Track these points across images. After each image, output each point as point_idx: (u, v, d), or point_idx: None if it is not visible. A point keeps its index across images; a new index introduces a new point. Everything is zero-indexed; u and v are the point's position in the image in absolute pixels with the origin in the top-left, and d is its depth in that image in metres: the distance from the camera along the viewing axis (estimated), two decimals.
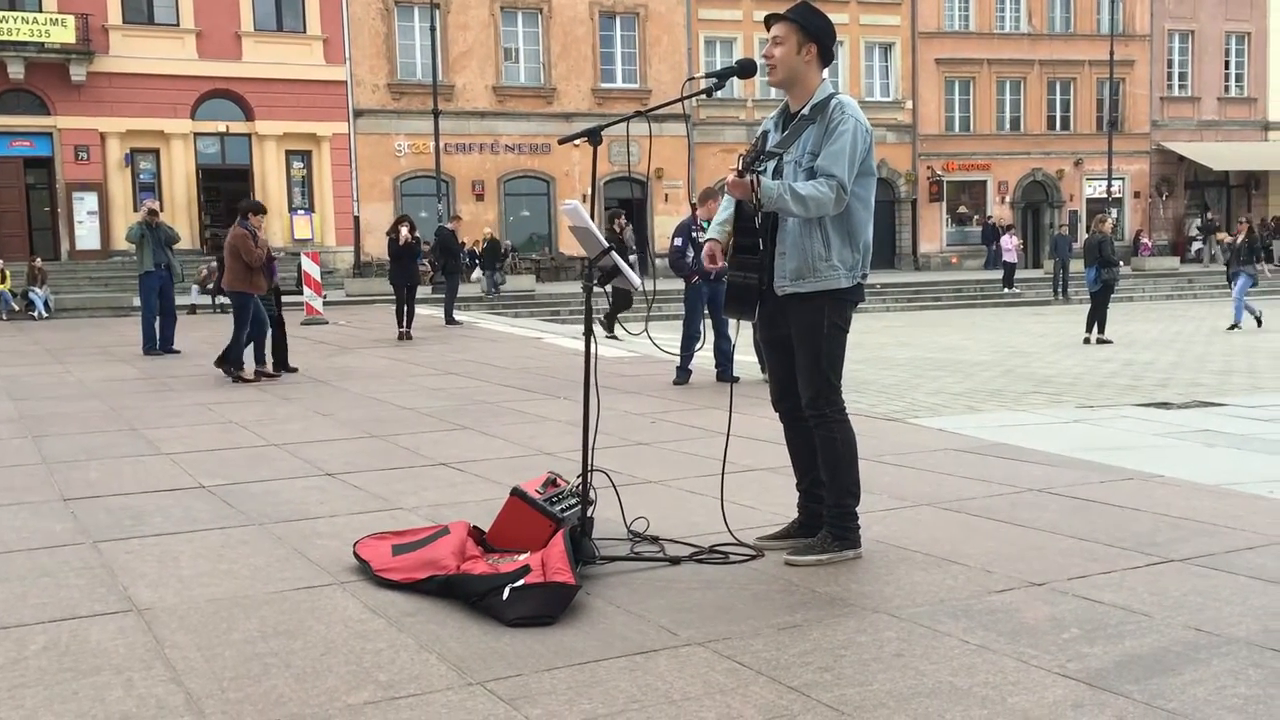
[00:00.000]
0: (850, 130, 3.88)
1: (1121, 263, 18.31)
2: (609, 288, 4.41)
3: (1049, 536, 4.33)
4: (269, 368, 10.93)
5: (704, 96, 4.30)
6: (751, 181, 3.84)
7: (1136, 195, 38.94)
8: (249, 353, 10.79)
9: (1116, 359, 13.31)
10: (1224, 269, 20.38)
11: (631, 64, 33.24)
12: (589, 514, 4.06)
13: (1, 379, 10.92)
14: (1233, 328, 17.96)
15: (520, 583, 3.50)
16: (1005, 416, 8.13)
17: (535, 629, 3.31)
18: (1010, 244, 29.92)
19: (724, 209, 4.18)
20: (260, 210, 11.47)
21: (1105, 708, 2.70)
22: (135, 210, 21.65)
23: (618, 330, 14.75)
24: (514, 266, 29.96)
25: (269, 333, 11.16)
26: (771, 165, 4.01)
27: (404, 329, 15.21)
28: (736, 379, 9.12)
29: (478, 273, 27.26)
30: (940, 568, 3.92)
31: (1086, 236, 17.68)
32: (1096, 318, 15.96)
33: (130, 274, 17.74)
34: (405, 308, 15.42)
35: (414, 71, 30.76)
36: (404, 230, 15.44)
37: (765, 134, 4.15)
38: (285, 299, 12.68)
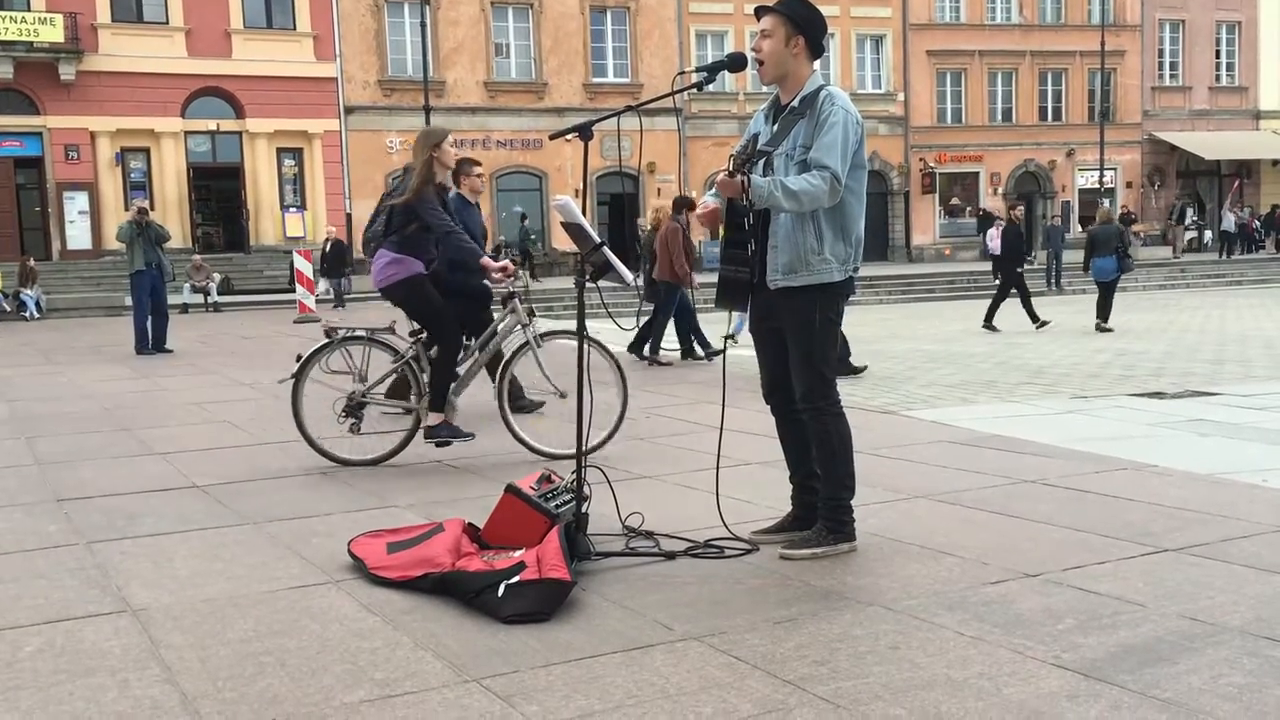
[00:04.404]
0: (841, 122, 3.87)
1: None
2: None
3: (1043, 528, 4.34)
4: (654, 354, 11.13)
5: (695, 90, 4.30)
6: (742, 181, 3.83)
7: (1129, 185, 39.02)
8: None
9: (1110, 349, 13.33)
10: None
11: (623, 58, 33.21)
12: (584, 510, 4.06)
13: None
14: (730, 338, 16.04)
15: (515, 579, 3.50)
16: (999, 408, 8.14)
17: (531, 625, 3.31)
18: (997, 234, 29.89)
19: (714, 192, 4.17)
20: (691, 205, 11.51)
21: (1100, 698, 2.71)
22: (126, 209, 21.61)
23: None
24: None
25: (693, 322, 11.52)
26: (762, 163, 4.00)
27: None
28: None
29: (324, 283, 23.71)
30: (935, 560, 3.92)
31: (1096, 226, 17.70)
32: (1107, 306, 16.31)
33: (122, 273, 17.70)
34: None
35: (405, 68, 30.71)
36: None
37: (755, 136, 4.14)
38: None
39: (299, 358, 5.99)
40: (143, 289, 13.39)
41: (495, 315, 6.57)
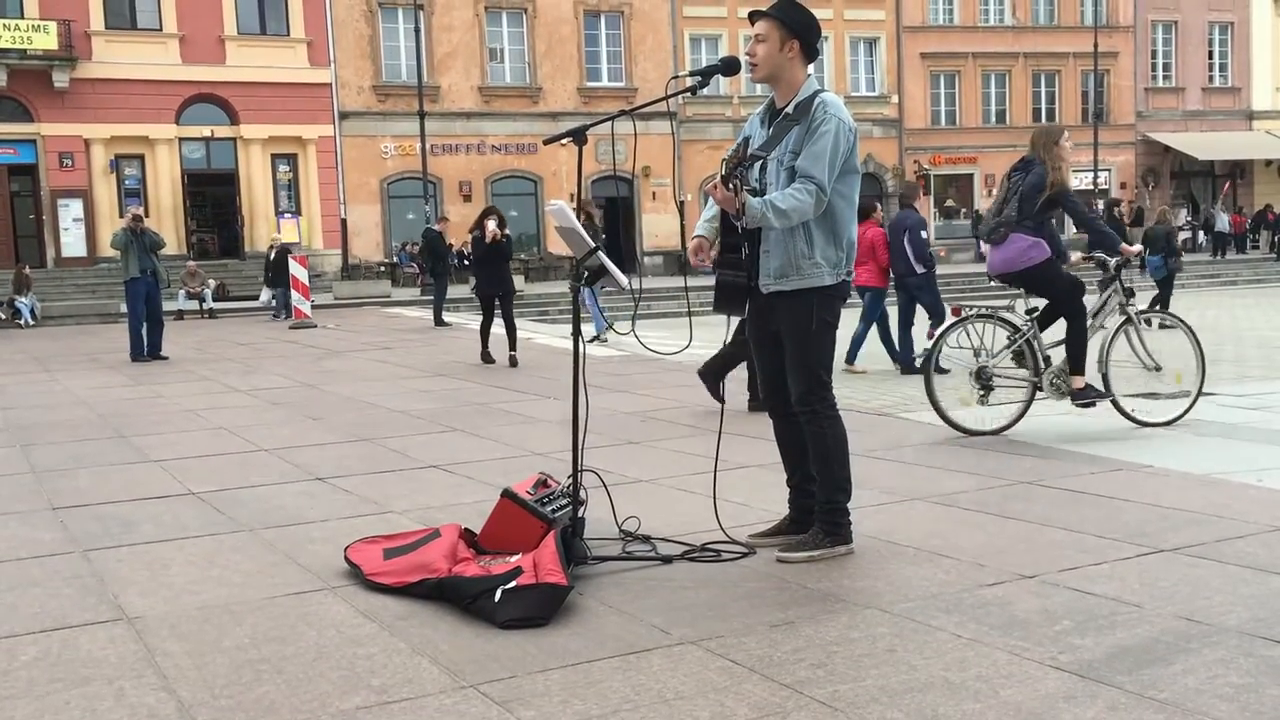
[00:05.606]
0: (832, 130, 3.89)
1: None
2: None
3: (1039, 529, 4.34)
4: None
5: (689, 94, 4.30)
6: (734, 187, 3.84)
7: (1123, 186, 39.07)
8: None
9: None
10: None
11: (617, 62, 33.24)
12: (580, 514, 4.06)
13: None
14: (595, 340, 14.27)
15: (512, 584, 3.50)
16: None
17: (528, 630, 3.31)
18: None
19: (710, 206, 4.19)
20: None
21: (1097, 699, 2.71)
22: (121, 216, 21.60)
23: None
24: None
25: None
26: (756, 167, 4.01)
27: (511, 352, 11.64)
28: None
29: (265, 294, 22.67)
30: (932, 562, 3.93)
31: (1150, 225, 18.05)
32: (1162, 301, 16.87)
33: (117, 280, 17.66)
34: (504, 323, 11.97)
35: (399, 73, 30.72)
36: (490, 224, 12.14)
37: (747, 139, 4.14)
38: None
39: (930, 336, 6.65)
40: (138, 296, 13.38)
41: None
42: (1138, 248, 7.62)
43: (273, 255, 22.45)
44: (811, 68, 4.11)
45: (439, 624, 3.41)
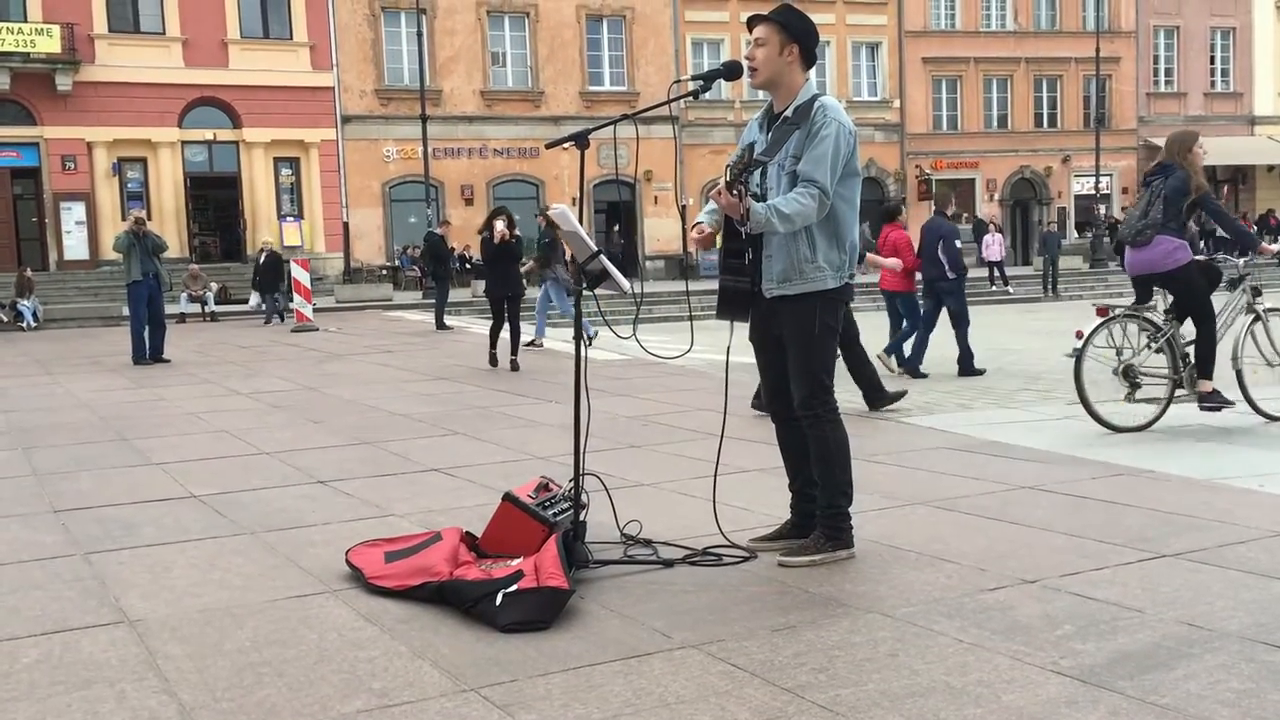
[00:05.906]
0: (833, 134, 3.89)
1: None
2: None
3: (1041, 533, 4.34)
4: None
5: (692, 98, 4.31)
6: (739, 193, 3.85)
7: (1125, 191, 39.09)
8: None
9: None
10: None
11: (619, 66, 33.28)
12: (581, 518, 4.06)
13: None
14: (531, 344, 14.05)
15: (513, 588, 3.50)
16: (996, 414, 8.14)
17: (529, 634, 3.31)
18: (993, 242, 29.98)
19: (712, 202, 4.18)
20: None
21: (1099, 704, 2.71)
22: (123, 219, 21.63)
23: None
24: None
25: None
26: (759, 172, 4.02)
27: (512, 356, 11.67)
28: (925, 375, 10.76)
29: (254, 298, 22.56)
30: (933, 566, 3.92)
31: None
32: None
33: (119, 283, 17.65)
34: (509, 326, 11.94)
35: (401, 77, 30.77)
36: (499, 224, 11.93)
37: (751, 145, 4.15)
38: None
39: (1079, 334, 7.00)
40: (140, 299, 13.38)
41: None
42: (1278, 246, 7.88)
43: (262, 259, 22.20)
44: (812, 72, 4.11)
45: (440, 627, 3.41)
